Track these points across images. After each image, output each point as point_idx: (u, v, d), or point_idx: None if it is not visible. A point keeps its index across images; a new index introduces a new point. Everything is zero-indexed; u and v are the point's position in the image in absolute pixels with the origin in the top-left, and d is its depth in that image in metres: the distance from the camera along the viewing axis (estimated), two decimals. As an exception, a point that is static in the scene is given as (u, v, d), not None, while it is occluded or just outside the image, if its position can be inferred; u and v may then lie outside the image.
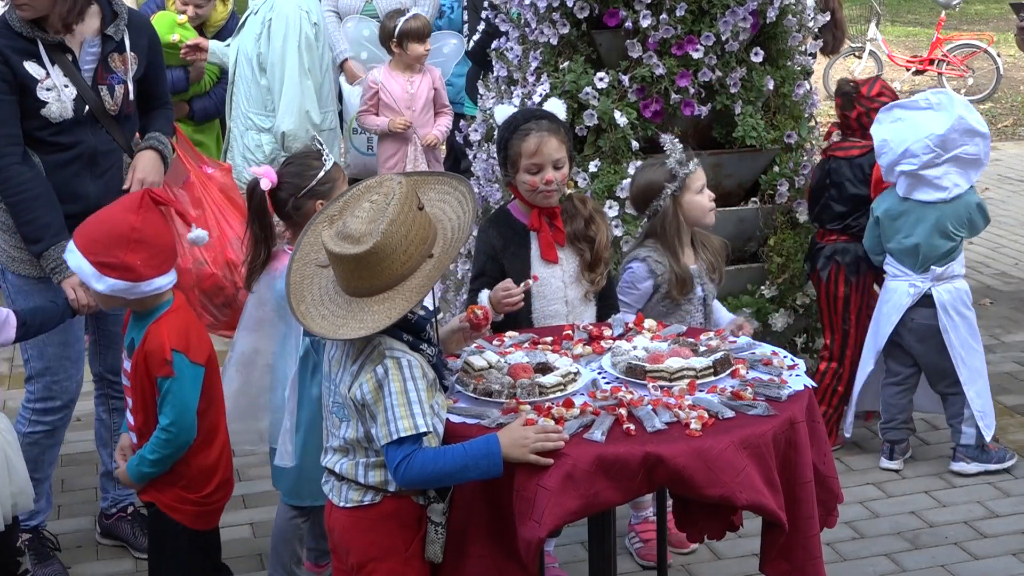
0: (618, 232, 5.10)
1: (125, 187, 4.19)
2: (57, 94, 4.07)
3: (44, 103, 4.06)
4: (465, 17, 7.27)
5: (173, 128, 4.47)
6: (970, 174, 4.93)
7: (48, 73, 4.07)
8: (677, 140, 4.27)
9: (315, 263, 3.15)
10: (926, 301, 4.98)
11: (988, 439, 5.04)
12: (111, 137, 4.21)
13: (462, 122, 6.10)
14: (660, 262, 4.16)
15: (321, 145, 3.90)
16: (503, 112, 4.21)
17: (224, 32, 6.50)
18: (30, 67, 4.05)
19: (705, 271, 4.27)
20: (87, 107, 4.12)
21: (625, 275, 4.22)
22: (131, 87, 4.21)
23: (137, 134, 4.40)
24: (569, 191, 4.09)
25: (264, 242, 3.86)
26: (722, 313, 4.35)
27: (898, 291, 5.02)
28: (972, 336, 5.04)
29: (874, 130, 4.97)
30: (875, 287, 5.28)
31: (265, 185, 3.82)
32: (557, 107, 4.17)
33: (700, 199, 4.21)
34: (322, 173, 3.80)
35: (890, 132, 4.89)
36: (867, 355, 5.13)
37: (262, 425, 3.98)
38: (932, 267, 4.96)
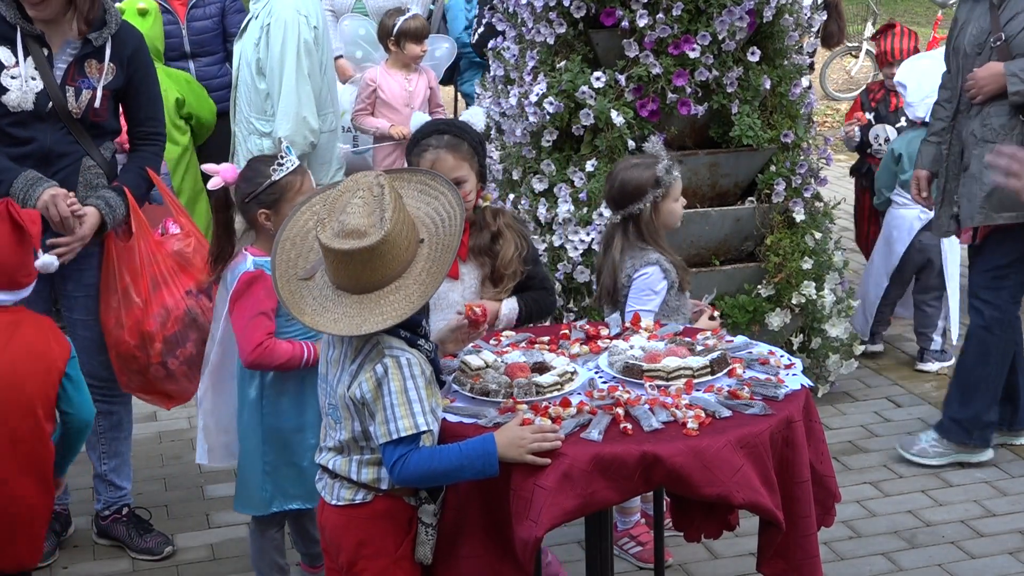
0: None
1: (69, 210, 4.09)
2: (20, 84, 4.06)
3: (5, 90, 4.06)
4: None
5: (146, 178, 4.35)
6: None
7: (17, 62, 4.07)
8: (662, 145, 4.23)
9: (295, 278, 3.14)
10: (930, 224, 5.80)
11: (955, 342, 5.97)
12: (72, 139, 4.18)
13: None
14: (669, 261, 4.15)
15: (287, 152, 3.84)
16: (418, 120, 4.14)
17: (195, 10, 6.60)
18: (1, 52, 4.06)
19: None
20: (50, 104, 4.11)
21: (638, 283, 4.12)
22: (99, 94, 4.17)
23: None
24: (484, 204, 4.01)
25: (226, 238, 3.90)
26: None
27: (907, 218, 6.00)
28: (957, 256, 6.01)
29: (903, 76, 5.99)
30: None
31: (214, 183, 3.86)
32: (476, 116, 4.14)
33: (676, 207, 4.20)
34: (267, 183, 3.77)
35: (922, 73, 5.85)
36: (880, 275, 6.13)
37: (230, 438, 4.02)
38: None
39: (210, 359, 4.04)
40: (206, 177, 4.00)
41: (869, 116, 6.57)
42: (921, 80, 5.87)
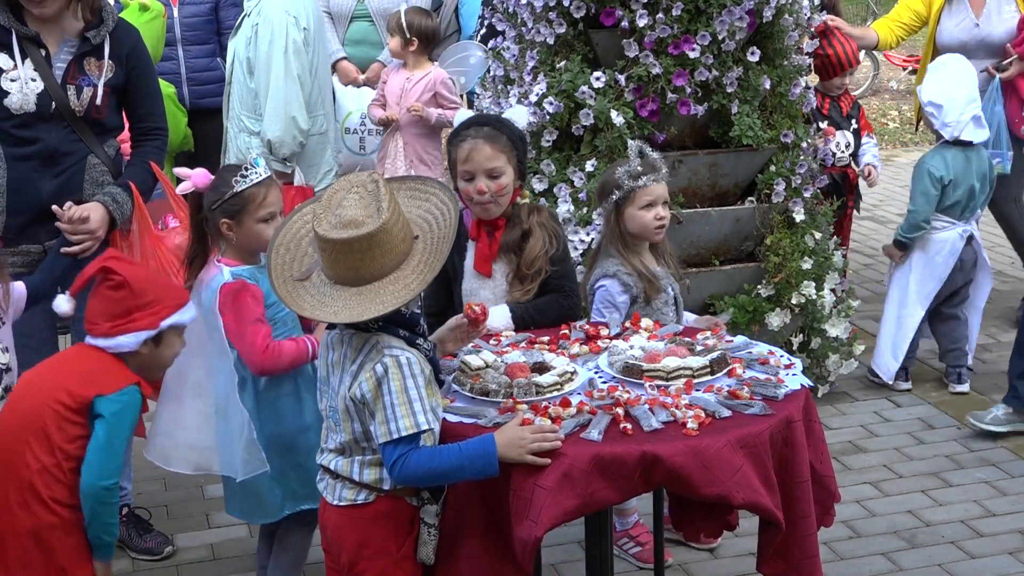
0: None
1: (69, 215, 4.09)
2: (21, 86, 4.07)
3: (6, 93, 4.07)
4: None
5: (151, 173, 4.34)
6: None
7: (15, 65, 4.08)
8: (647, 149, 4.11)
9: (292, 279, 3.14)
10: (968, 239, 5.76)
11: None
12: (76, 137, 4.18)
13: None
14: (629, 273, 4.05)
15: (255, 164, 3.80)
16: (461, 116, 4.11)
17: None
18: None
19: (670, 273, 4.15)
20: (53, 104, 4.12)
21: (599, 294, 4.06)
22: (100, 91, 4.18)
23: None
24: (523, 201, 4.00)
25: (199, 242, 3.88)
26: (689, 318, 4.21)
27: (950, 240, 5.71)
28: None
29: (933, 95, 5.65)
30: None
31: (183, 188, 3.86)
32: (519, 114, 4.11)
33: (641, 215, 4.02)
34: (229, 193, 3.75)
35: (951, 90, 5.61)
36: (915, 306, 5.75)
37: (203, 444, 3.97)
38: (978, 209, 5.76)
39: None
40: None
41: (823, 125, 6.23)
42: (954, 97, 5.60)
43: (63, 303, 3.56)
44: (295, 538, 4.02)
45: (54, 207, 4.10)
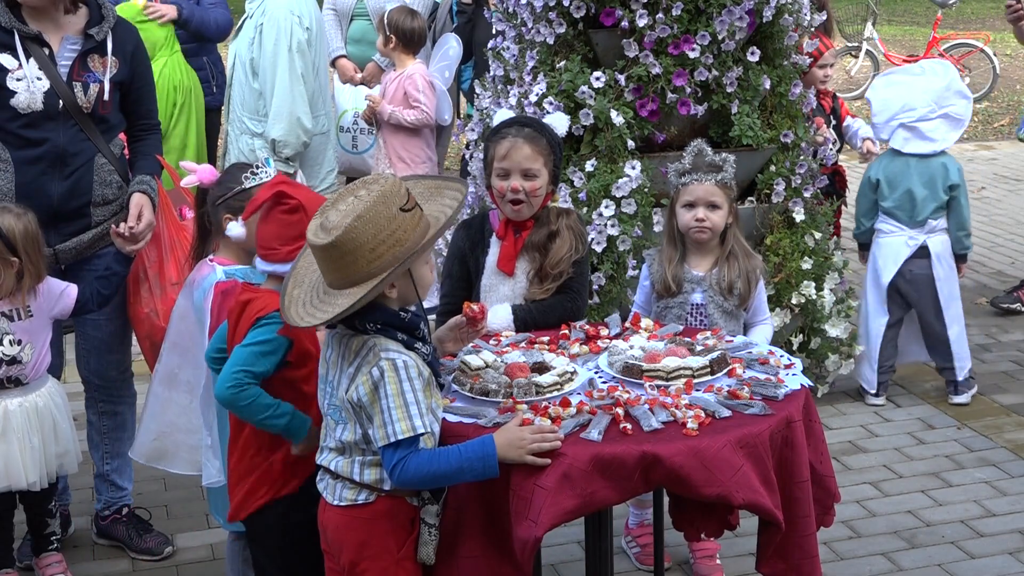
0: (614, 232, 5.10)
1: (130, 226, 4.16)
2: (27, 85, 4.08)
3: (13, 93, 4.07)
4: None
5: (160, 166, 4.41)
6: (954, 133, 5.67)
7: (20, 64, 4.08)
8: (706, 149, 4.10)
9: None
10: (921, 252, 5.64)
11: (964, 376, 5.74)
12: (84, 136, 4.19)
13: (458, 121, 6.07)
14: (656, 259, 4.14)
15: (265, 163, 3.82)
16: (502, 116, 4.17)
17: None
18: (3, 58, 4.07)
19: (715, 283, 4.05)
20: (60, 102, 4.12)
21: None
22: (107, 87, 4.20)
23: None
24: (553, 204, 4.00)
25: (201, 236, 3.91)
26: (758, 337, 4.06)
27: (894, 245, 5.68)
28: (955, 284, 5.74)
29: (872, 93, 5.77)
30: None
31: (188, 181, 3.88)
32: (559, 120, 4.12)
33: (682, 214, 4.05)
34: (237, 189, 3.77)
35: (889, 92, 5.68)
36: (875, 308, 5.75)
37: (195, 443, 3.99)
38: (928, 220, 5.60)
39: (162, 361, 4.03)
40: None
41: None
42: (889, 100, 5.63)
43: (235, 228, 3.62)
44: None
45: (112, 228, 4.16)
